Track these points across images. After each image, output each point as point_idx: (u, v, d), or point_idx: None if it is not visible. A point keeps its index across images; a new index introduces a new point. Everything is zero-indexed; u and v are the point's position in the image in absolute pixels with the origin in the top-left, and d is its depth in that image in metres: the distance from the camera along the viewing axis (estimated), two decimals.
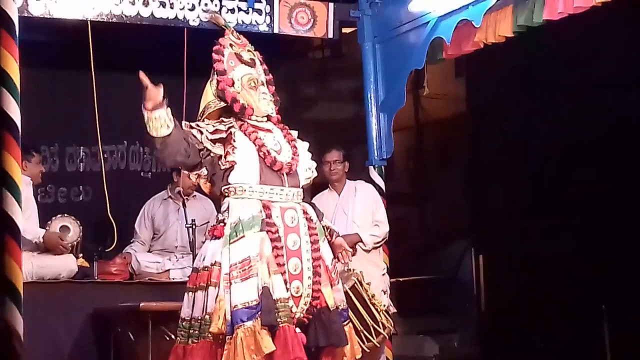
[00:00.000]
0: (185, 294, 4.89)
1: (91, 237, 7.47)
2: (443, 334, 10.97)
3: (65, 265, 6.92)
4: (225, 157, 4.86)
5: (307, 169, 5.12)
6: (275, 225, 4.81)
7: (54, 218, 7.09)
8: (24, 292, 5.07)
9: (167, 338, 6.25)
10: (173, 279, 7.46)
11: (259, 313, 4.62)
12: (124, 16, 6.94)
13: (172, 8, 7.07)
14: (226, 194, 4.89)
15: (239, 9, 7.25)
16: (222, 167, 4.88)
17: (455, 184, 14.16)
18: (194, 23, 7.15)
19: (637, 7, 7.61)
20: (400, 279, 10.19)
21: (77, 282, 7.00)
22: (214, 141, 4.86)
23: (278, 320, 4.65)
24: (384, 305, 6.67)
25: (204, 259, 4.84)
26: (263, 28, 7.33)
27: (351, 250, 5.42)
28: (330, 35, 7.71)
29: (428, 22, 7.14)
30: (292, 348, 4.63)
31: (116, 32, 7.40)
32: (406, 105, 7.87)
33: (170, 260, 7.59)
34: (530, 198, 11.72)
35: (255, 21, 7.34)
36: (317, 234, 4.95)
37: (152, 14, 7.01)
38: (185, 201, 7.66)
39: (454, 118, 14.16)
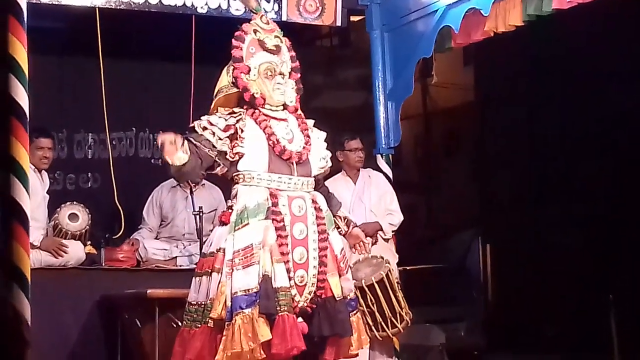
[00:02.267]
0: (193, 278, 4.92)
1: (99, 224, 7.48)
2: (450, 323, 10.95)
3: (73, 252, 6.94)
4: (232, 149, 4.86)
5: (321, 159, 5.10)
6: (280, 213, 4.80)
7: (62, 205, 7.11)
8: (31, 279, 5.08)
9: (174, 325, 6.26)
10: (180, 266, 7.47)
11: (258, 301, 4.63)
12: (132, 3, 6.93)
13: None
14: (236, 181, 4.90)
15: None
16: (231, 159, 4.87)
17: (462, 172, 14.15)
18: (202, 10, 7.13)
19: None
20: (407, 268, 10.18)
21: (84, 269, 7.02)
22: (226, 137, 4.86)
23: (278, 309, 4.65)
24: None
25: (211, 245, 4.88)
26: (271, 16, 7.31)
27: (368, 241, 5.36)
28: (339, 23, 7.69)
29: (437, 10, 7.13)
30: (290, 337, 4.63)
31: (124, 19, 7.40)
32: (414, 93, 7.86)
33: (177, 247, 7.60)
34: (537, 187, 11.71)
35: (264, 9, 7.32)
36: (324, 224, 4.93)
37: (160, 1, 7.00)
38: (193, 189, 7.66)
39: (462, 107, 14.15)
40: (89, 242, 7.17)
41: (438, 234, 14.01)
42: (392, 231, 7.36)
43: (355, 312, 5.04)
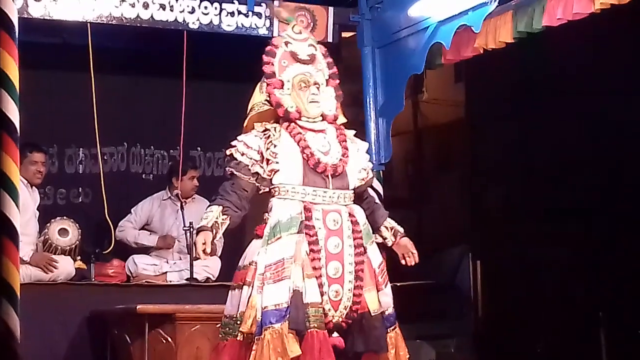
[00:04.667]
0: (229, 291, 4.88)
1: (89, 239, 7.48)
2: (440, 339, 10.95)
3: (63, 267, 6.94)
4: (267, 165, 4.82)
5: (361, 170, 5.01)
6: (314, 227, 4.74)
7: (52, 220, 7.11)
8: (21, 294, 5.08)
9: (164, 341, 6.26)
10: (170, 281, 7.46)
11: (288, 316, 4.60)
12: (123, 18, 6.93)
13: (171, 11, 7.06)
14: (272, 194, 4.85)
15: (239, 12, 7.25)
16: (268, 177, 4.83)
17: (453, 189, 14.16)
18: (194, 26, 7.14)
19: (637, 14, 7.62)
20: (398, 284, 10.16)
21: (74, 284, 7.01)
22: (260, 159, 4.83)
23: (307, 324, 4.60)
24: None
25: (245, 258, 4.84)
26: (262, 31, 7.32)
27: (415, 252, 5.21)
28: (330, 40, 7.70)
29: (427, 27, 7.14)
30: (319, 354, 4.58)
31: (116, 34, 7.40)
32: (405, 110, 7.86)
33: (167, 262, 7.59)
34: (528, 204, 11.72)
35: (255, 24, 7.33)
36: (361, 238, 4.85)
37: (151, 16, 7.01)
38: (184, 204, 7.66)
39: (453, 123, 14.16)
40: (78, 257, 7.16)
41: (428, 250, 14.00)
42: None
43: (393, 327, 4.94)
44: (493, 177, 12.58)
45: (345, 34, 8.21)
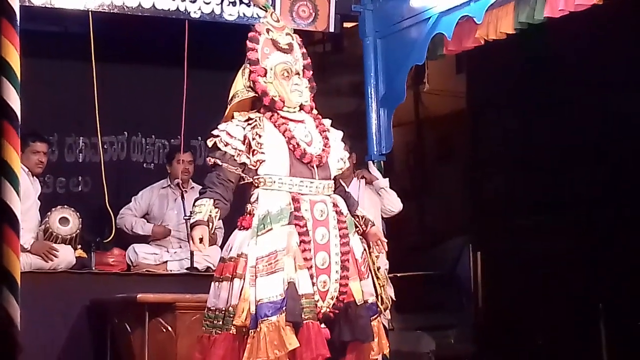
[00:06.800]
0: (212, 283, 4.83)
1: (89, 227, 7.46)
2: (440, 330, 10.98)
3: (63, 255, 6.93)
4: (252, 157, 4.81)
5: (338, 160, 5.02)
6: (303, 218, 4.74)
7: (53, 209, 7.10)
8: (21, 282, 5.08)
9: (164, 330, 6.26)
10: (170, 270, 7.46)
11: (284, 308, 4.56)
12: (125, 7, 6.93)
13: (173, 0, 7.06)
14: (256, 185, 4.82)
15: (241, 2, 7.24)
16: (254, 167, 4.81)
17: (454, 180, 14.18)
18: (195, 15, 7.13)
19: (639, 6, 7.62)
20: (398, 275, 10.18)
21: (74, 273, 7.01)
22: (246, 148, 4.81)
23: (302, 316, 4.59)
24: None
25: (230, 249, 4.78)
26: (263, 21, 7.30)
27: (386, 240, 5.21)
28: (332, 30, 7.69)
29: (429, 17, 7.14)
30: (315, 345, 4.57)
31: (117, 23, 7.39)
32: (406, 100, 7.86)
33: (168, 252, 7.59)
34: (529, 195, 11.73)
35: (257, 14, 7.31)
36: (346, 228, 4.86)
37: (153, 5, 7.00)
38: (184, 193, 7.65)
39: (454, 114, 14.19)
40: (79, 246, 7.15)
41: (429, 241, 14.03)
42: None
43: (375, 316, 4.95)
44: (493, 169, 12.60)
45: (346, 24, 8.20)
